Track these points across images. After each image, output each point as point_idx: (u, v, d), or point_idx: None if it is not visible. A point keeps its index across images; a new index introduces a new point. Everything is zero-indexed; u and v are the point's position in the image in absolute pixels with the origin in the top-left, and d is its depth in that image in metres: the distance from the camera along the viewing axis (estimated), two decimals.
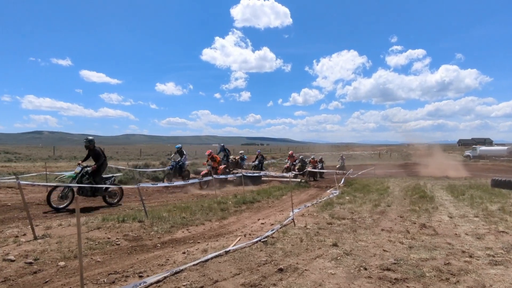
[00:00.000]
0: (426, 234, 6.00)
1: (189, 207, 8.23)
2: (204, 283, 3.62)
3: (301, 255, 4.67)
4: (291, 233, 5.85)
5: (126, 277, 3.85)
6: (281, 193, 11.99)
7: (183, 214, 7.36)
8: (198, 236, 5.88)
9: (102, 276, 3.90)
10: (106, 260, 4.49)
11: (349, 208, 8.64)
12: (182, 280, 3.69)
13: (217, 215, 7.66)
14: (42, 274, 3.95)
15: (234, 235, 5.90)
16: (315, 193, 13.00)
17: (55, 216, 7.33)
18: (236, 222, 7.22)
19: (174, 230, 6.16)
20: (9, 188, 10.85)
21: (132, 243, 5.33)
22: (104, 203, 9.01)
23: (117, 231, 5.81)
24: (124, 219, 6.49)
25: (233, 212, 8.30)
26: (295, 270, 4.06)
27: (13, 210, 7.78)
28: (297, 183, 15.76)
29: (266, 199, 10.52)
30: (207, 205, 8.65)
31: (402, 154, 49.79)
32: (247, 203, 9.56)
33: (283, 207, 9.34)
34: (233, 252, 4.72)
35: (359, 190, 12.66)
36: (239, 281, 3.71)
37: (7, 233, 5.53)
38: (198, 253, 4.73)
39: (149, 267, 4.21)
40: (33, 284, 3.68)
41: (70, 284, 3.68)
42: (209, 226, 6.69)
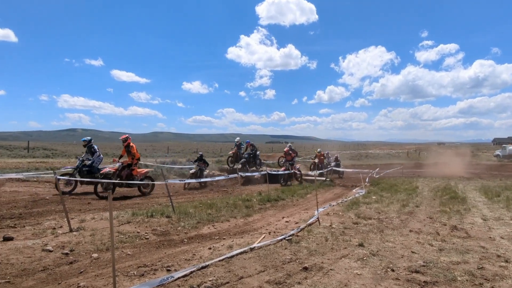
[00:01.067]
0: (457, 237, 5.77)
1: (214, 204, 8.36)
2: (230, 279, 3.68)
3: (326, 254, 4.64)
4: (316, 232, 5.81)
5: (154, 271, 3.98)
6: (306, 191, 11.92)
7: (209, 211, 7.50)
8: (223, 233, 5.97)
9: (132, 268, 4.05)
10: (136, 253, 4.66)
11: (375, 208, 8.46)
12: (208, 275, 3.76)
13: (242, 212, 7.74)
14: (77, 265, 4.16)
15: (258, 233, 5.94)
16: (340, 192, 12.82)
17: (89, 210, 7.69)
18: (260, 219, 7.26)
19: (200, 226, 6.30)
20: (47, 183, 11.49)
21: (160, 237, 5.50)
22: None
23: (146, 226, 6.01)
24: (153, 214, 6.71)
25: (257, 209, 8.35)
26: (320, 269, 4.04)
27: (50, 204, 8.23)
28: (322, 181, 15.60)
29: (291, 198, 10.49)
30: (232, 202, 8.76)
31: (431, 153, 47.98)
32: (272, 201, 9.59)
33: (308, 205, 9.28)
34: (258, 249, 4.76)
35: (386, 190, 12.35)
36: (264, 278, 3.74)
37: (45, 225, 5.87)
38: (224, 249, 4.80)
39: (177, 261, 4.32)
40: (69, 274, 3.88)
41: (103, 275, 3.84)
42: (234, 223, 6.77)
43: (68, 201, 8.49)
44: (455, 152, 37.65)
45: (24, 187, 10.69)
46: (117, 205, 8.34)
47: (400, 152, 48.74)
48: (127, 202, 9.15)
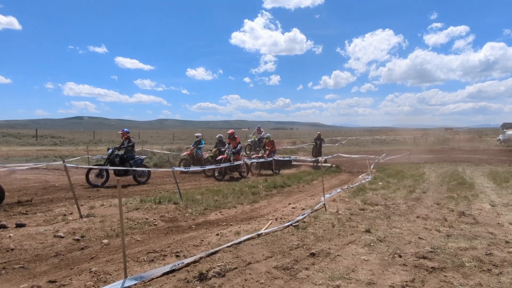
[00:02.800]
0: (465, 223, 5.76)
1: (221, 191, 8.43)
2: (238, 264, 3.73)
3: (333, 240, 4.67)
4: (323, 218, 5.84)
5: (164, 256, 4.05)
6: (312, 178, 11.93)
7: (215, 197, 7.57)
8: (230, 219, 6.03)
9: (142, 254, 4.12)
10: (145, 239, 4.74)
11: (382, 194, 8.45)
12: (217, 261, 3.82)
13: (249, 198, 7.79)
14: (89, 251, 4.25)
15: (265, 219, 5.99)
16: (346, 178, 12.81)
17: (97, 197, 7.80)
18: (267, 206, 7.31)
19: (207, 213, 6.36)
20: (56, 170, 11.67)
21: (168, 224, 5.58)
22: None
23: (154, 212, 6.09)
24: (160, 201, 6.79)
25: (264, 196, 8.40)
26: (327, 255, 4.07)
27: (60, 191, 8.36)
28: (328, 168, 15.59)
29: (297, 184, 10.52)
30: (239, 189, 8.81)
31: (439, 139, 47.52)
32: (278, 187, 9.63)
33: (314, 192, 9.31)
34: (265, 235, 4.81)
35: (392, 176, 12.31)
36: (271, 263, 3.78)
37: (56, 212, 5.98)
38: (231, 235, 4.86)
39: (185, 247, 4.39)
40: (81, 260, 3.97)
41: (114, 260, 3.92)
42: (241, 209, 6.82)
43: (77, 189, 8.62)
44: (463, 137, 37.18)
45: (34, 174, 10.87)
46: (125, 192, 8.44)
47: (407, 138, 48.36)
48: (135, 189, 9.26)
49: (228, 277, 3.43)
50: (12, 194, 7.74)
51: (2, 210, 6.21)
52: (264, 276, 3.46)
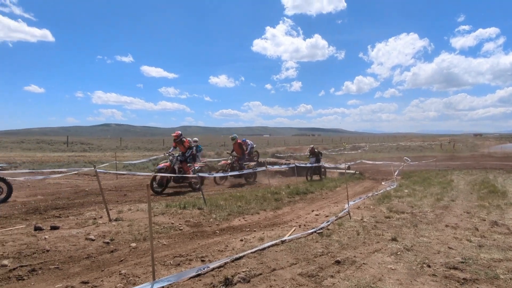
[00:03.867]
0: (498, 233, 5.52)
1: (244, 196, 8.49)
2: (262, 270, 3.75)
3: (358, 248, 4.60)
4: (347, 226, 5.77)
5: (189, 261, 4.12)
6: (335, 184, 11.79)
7: (238, 203, 7.63)
8: (254, 225, 6.07)
9: (169, 258, 4.22)
10: (171, 244, 4.85)
11: (408, 201, 8.24)
12: (241, 266, 3.85)
13: (271, 205, 7.80)
14: (118, 253, 4.40)
15: (288, 225, 5.98)
16: (370, 186, 12.57)
17: (125, 201, 8.06)
18: (290, 212, 7.30)
19: (231, 218, 6.43)
20: (86, 175, 12.18)
21: (193, 228, 5.68)
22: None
23: (179, 217, 6.22)
24: (185, 206, 6.92)
25: (287, 202, 8.39)
26: (353, 263, 4.02)
27: (90, 195, 8.71)
28: (351, 174, 15.35)
29: (320, 191, 10.43)
30: (261, 195, 8.84)
31: (467, 145, 45.72)
32: (301, 194, 9.58)
33: (338, 199, 9.20)
34: (289, 242, 4.80)
35: (418, 183, 11.96)
36: (296, 270, 3.78)
37: (87, 215, 6.23)
38: (255, 241, 4.89)
39: (210, 252, 4.46)
40: (111, 262, 4.11)
41: (142, 264, 4.04)
42: (264, 216, 6.85)
43: (105, 193, 8.94)
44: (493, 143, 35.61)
45: (66, 179, 11.39)
46: (153, 197, 8.66)
47: (433, 144, 46.83)
48: (161, 194, 9.50)
49: (253, 283, 3.45)
50: (47, 198, 8.14)
51: (38, 213, 6.55)
52: (289, 283, 3.46)
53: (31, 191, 9.27)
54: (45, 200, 7.62)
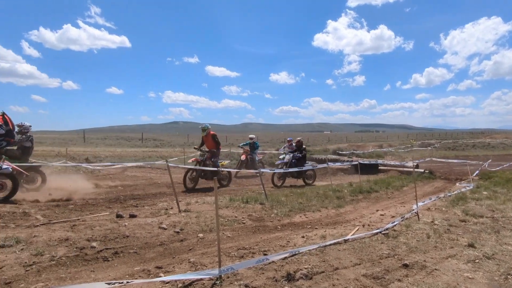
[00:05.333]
0: None
1: (305, 193, 8.47)
2: (325, 268, 3.73)
3: (429, 252, 4.32)
4: (416, 228, 5.43)
5: (253, 254, 4.27)
6: (402, 183, 11.12)
7: (299, 200, 7.64)
8: (315, 222, 6.04)
9: (233, 250, 4.42)
10: (235, 236, 5.07)
11: (488, 205, 7.43)
12: (303, 263, 3.88)
13: (333, 203, 7.67)
14: (187, 243, 4.73)
15: (351, 225, 5.84)
16: (442, 186, 11.60)
17: (192, 194, 8.61)
18: (353, 211, 7.10)
19: (292, 214, 6.48)
20: (158, 169, 13.27)
21: (255, 223, 5.85)
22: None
23: (242, 211, 6.46)
24: (248, 200, 7.15)
25: (349, 201, 8.17)
26: (423, 268, 3.79)
27: (162, 187, 9.48)
28: (420, 173, 14.31)
29: (385, 190, 9.94)
30: (323, 193, 8.73)
31: None
32: (364, 192, 9.24)
33: (404, 199, 8.69)
34: (352, 241, 4.69)
35: (501, 185, 10.68)
36: (360, 271, 3.69)
37: (159, 206, 6.79)
38: (317, 239, 4.87)
39: (272, 246, 4.56)
40: (180, 250, 4.44)
41: (208, 253, 4.29)
42: (325, 213, 6.77)
43: (176, 186, 9.63)
44: None
45: (141, 172, 12.56)
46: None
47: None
48: (224, 188, 9.94)
49: (316, 280, 3.46)
50: (126, 189, 9.06)
51: (119, 202, 7.33)
52: (352, 283, 3.40)
53: (113, 182, 10.40)
54: (124, 191, 8.50)
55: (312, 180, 12.29)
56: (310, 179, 12.24)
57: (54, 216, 5.90)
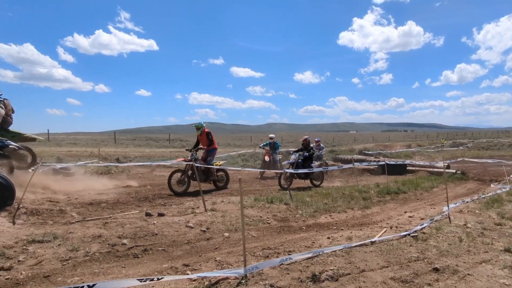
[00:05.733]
0: None
1: (330, 194, 8.37)
2: (351, 270, 3.69)
3: (461, 256, 4.16)
4: (447, 231, 5.24)
5: (277, 254, 4.29)
6: (431, 184, 10.74)
7: (325, 200, 7.57)
8: (341, 223, 5.97)
9: (258, 249, 4.46)
10: (260, 236, 5.11)
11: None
12: (329, 264, 3.85)
13: (359, 204, 7.54)
14: (213, 241, 4.82)
15: (378, 226, 5.72)
16: (475, 187, 11.09)
17: (218, 194, 8.74)
18: (380, 212, 6.95)
19: (317, 215, 6.44)
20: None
21: (280, 223, 5.87)
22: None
23: (267, 211, 6.49)
24: (272, 200, 7.17)
25: (376, 202, 8.00)
26: (455, 272, 3.66)
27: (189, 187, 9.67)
28: (451, 174, 13.75)
29: (413, 191, 9.63)
30: (348, 193, 8.60)
31: None
32: (391, 193, 9.00)
33: (434, 200, 8.39)
34: (379, 243, 4.60)
35: None
36: (387, 274, 3.61)
37: (186, 205, 6.96)
38: (343, 240, 4.81)
39: (297, 247, 4.55)
40: (207, 249, 4.54)
41: (234, 252, 4.35)
42: (351, 214, 6.68)
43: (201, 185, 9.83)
44: None
45: (169, 172, 12.81)
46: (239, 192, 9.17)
47: None
48: (249, 188, 10.01)
49: (341, 282, 3.42)
50: (154, 188, 9.34)
51: (148, 201, 7.59)
52: (379, 286, 3.34)
53: (142, 181, 10.76)
54: (153, 190, 8.76)
55: (320, 182, 11.33)
56: (318, 181, 11.28)
57: (88, 214, 6.20)
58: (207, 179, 9.42)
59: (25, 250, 4.15)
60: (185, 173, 8.90)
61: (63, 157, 15.38)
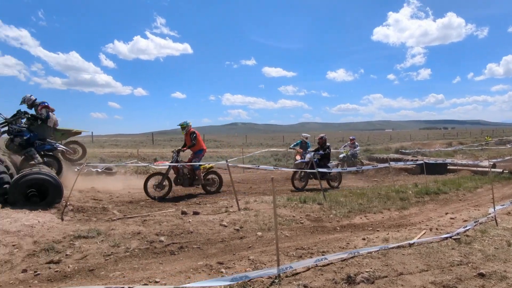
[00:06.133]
0: None
1: (365, 194, 8.16)
2: (388, 273, 3.58)
3: (510, 262, 3.89)
4: (493, 234, 4.92)
5: (311, 254, 4.25)
6: (475, 184, 10.11)
7: (359, 200, 7.39)
8: (376, 224, 5.81)
9: (291, 249, 4.45)
10: (293, 236, 5.10)
11: None
12: (364, 266, 3.76)
13: (396, 204, 7.28)
14: (246, 240, 4.87)
15: (417, 228, 5.50)
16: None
17: (250, 193, 8.84)
18: (418, 213, 6.68)
19: (351, 215, 6.31)
20: (218, 169, 13.80)
21: (313, 223, 5.81)
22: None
23: (300, 211, 6.45)
24: (305, 200, 7.11)
25: (414, 202, 7.67)
26: (503, 279, 3.43)
27: (223, 186, 9.84)
28: (497, 173, 12.87)
29: (455, 191, 9.12)
30: (384, 193, 8.33)
31: None
32: (431, 194, 8.59)
33: (479, 201, 7.90)
34: (418, 246, 4.42)
35: None
36: (427, 278, 3.46)
37: (220, 204, 7.09)
38: (379, 242, 4.68)
39: (331, 248, 4.49)
40: (240, 247, 4.60)
41: (267, 252, 4.37)
42: (388, 215, 6.47)
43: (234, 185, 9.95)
44: None
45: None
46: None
47: None
48: (282, 188, 10.01)
49: (378, 284, 3.33)
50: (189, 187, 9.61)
51: (183, 200, 7.84)
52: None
53: None
54: (188, 189, 8.99)
55: (338, 183, 10.55)
56: (335, 181, 10.45)
57: (128, 212, 6.51)
58: (192, 183, 8.64)
59: (72, 245, 4.43)
60: (164, 176, 8.19)
61: (106, 158, 16.28)
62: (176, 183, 8.48)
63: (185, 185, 8.52)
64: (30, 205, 5.84)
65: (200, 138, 9.03)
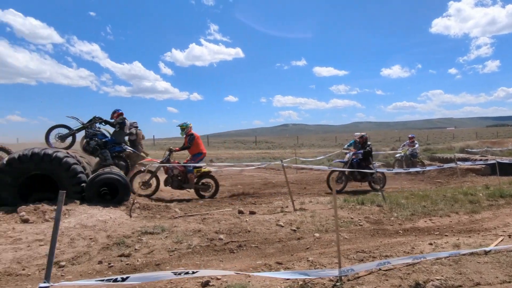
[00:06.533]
0: None
1: (428, 196, 7.62)
2: (462, 282, 3.30)
3: None
4: None
5: (373, 258, 4.09)
6: None
7: (423, 203, 6.92)
8: (444, 229, 5.40)
9: (351, 252, 4.32)
10: (352, 238, 4.95)
11: None
12: (434, 273, 3.52)
13: (465, 207, 6.69)
14: (304, 241, 4.84)
15: (492, 234, 5.00)
16: None
17: (305, 194, 8.75)
18: (492, 218, 6.06)
19: (415, 219, 5.95)
20: (272, 169, 13.99)
21: (373, 225, 5.58)
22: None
23: (358, 213, 6.23)
24: (363, 202, 6.85)
25: (486, 206, 6.98)
26: None
27: (276, 187, 9.96)
28: None
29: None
30: (451, 195, 7.69)
31: None
32: (506, 196, 7.73)
33: None
34: (495, 254, 4.02)
35: None
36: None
37: (275, 204, 7.13)
38: (448, 247, 4.34)
39: (395, 252, 4.27)
40: (298, 248, 4.58)
41: (326, 254, 4.30)
42: (456, 219, 5.98)
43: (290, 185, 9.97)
44: None
45: (257, 172, 13.44)
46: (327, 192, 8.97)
47: None
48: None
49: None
50: (244, 187, 9.83)
51: (239, 199, 8.00)
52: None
53: (233, 181, 11.43)
54: (243, 189, 9.21)
55: (382, 185, 9.08)
56: (379, 183, 8.76)
57: (188, 210, 6.83)
58: (181, 186, 8.24)
59: (139, 240, 4.77)
60: (152, 175, 8.01)
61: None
62: (165, 184, 8.26)
63: (174, 187, 8.23)
64: (103, 202, 6.40)
65: (200, 141, 8.64)
